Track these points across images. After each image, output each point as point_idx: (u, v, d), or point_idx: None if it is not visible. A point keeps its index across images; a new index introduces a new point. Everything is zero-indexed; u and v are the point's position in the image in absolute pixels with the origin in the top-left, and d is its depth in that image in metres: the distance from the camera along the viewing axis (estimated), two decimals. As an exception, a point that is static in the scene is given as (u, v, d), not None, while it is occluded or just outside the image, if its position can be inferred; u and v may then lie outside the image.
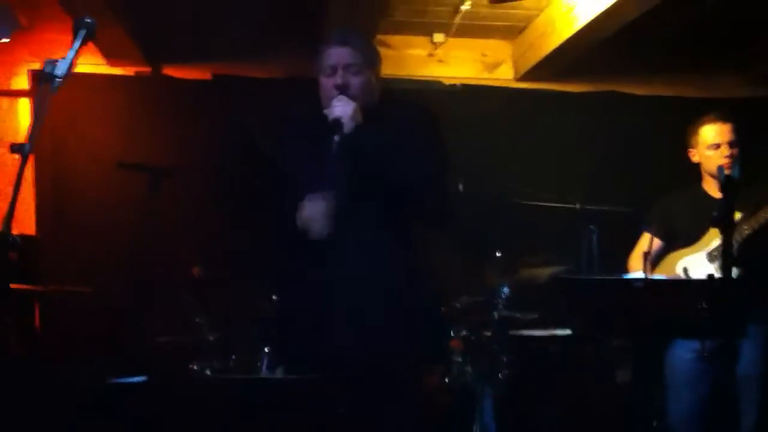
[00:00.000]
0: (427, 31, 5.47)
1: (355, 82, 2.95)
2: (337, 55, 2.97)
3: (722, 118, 4.05)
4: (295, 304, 2.99)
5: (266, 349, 3.75)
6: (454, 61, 5.69)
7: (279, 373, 3.10)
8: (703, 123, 4.07)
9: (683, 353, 3.90)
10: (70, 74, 2.43)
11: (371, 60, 3.04)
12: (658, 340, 3.88)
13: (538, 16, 5.24)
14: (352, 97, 2.91)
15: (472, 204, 4.38)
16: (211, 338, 4.12)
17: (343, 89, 2.92)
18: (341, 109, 2.87)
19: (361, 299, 2.83)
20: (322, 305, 2.87)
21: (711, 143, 4.02)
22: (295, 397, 2.78)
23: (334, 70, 2.96)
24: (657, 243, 4.09)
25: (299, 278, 2.95)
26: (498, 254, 4.25)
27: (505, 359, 4.20)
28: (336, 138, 2.81)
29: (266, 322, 3.67)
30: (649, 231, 4.11)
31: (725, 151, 3.98)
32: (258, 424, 2.68)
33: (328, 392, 2.79)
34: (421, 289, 2.97)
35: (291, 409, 2.76)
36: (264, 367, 3.69)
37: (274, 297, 3.82)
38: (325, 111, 2.92)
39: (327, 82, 2.98)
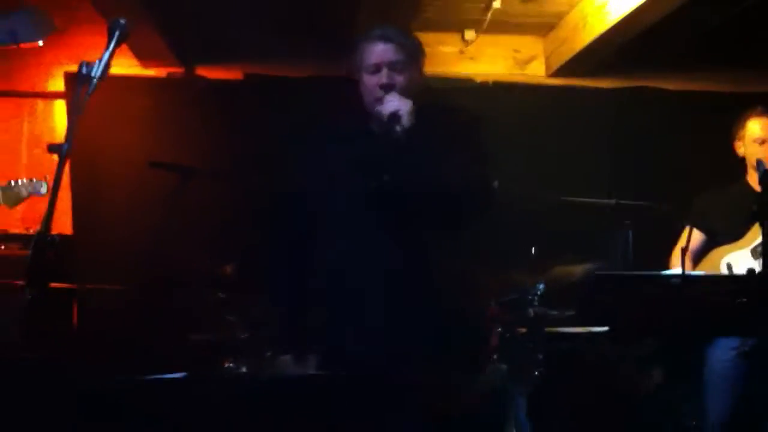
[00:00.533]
0: (459, 28, 5.46)
1: (400, 79, 2.85)
2: (380, 52, 2.87)
3: None
4: (330, 305, 2.95)
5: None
6: (486, 58, 5.67)
7: (289, 361, 3.05)
8: (749, 116, 4.01)
9: (723, 353, 3.84)
10: (106, 76, 2.44)
11: (415, 55, 2.94)
12: (696, 338, 3.83)
13: (570, 11, 5.21)
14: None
15: (507, 201, 4.36)
16: (243, 336, 4.12)
17: (388, 88, 2.84)
18: (396, 103, 2.78)
19: (400, 302, 2.80)
20: (358, 307, 2.84)
21: (757, 137, 3.96)
22: (327, 393, 2.78)
23: (377, 68, 2.86)
24: (699, 238, 4.05)
25: (337, 279, 2.91)
26: (533, 251, 4.22)
27: (540, 357, 4.17)
28: (397, 128, 2.73)
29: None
30: (690, 226, 4.07)
31: None
32: (292, 421, 2.68)
33: (359, 390, 2.78)
34: (460, 293, 2.94)
35: (323, 406, 2.76)
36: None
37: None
38: (377, 108, 2.82)
39: (370, 81, 2.88)
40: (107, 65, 2.44)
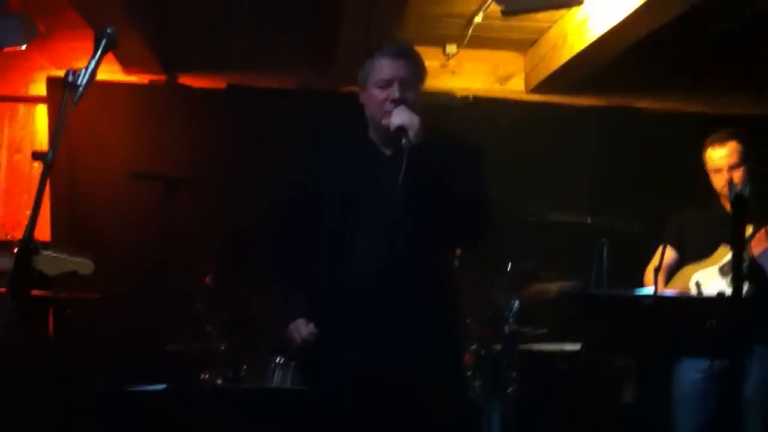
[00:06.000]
0: (440, 42, 5.48)
1: (410, 96, 2.91)
2: (394, 68, 2.93)
3: (726, 138, 4.02)
4: (328, 317, 2.95)
5: (278, 360, 3.76)
6: (467, 73, 5.71)
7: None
8: (708, 146, 4.08)
9: (691, 372, 3.89)
10: (91, 84, 2.45)
11: (422, 75, 3.02)
12: (666, 358, 3.88)
13: (550, 28, 5.26)
14: None
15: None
16: (222, 347, 4.13)
17: (399, 103, 2.88)
18: (405, 116, 2.82)
19: (398, 320, 2.84)
20: (357, 321, 2.87)
21: (714, 167, 4.04)
22: (305, 408, 2.79)
23: (389, 83, 2.91)
24: (672, 256, 4.12)
25: (336, 295, 2.94)
26: (509, 268, 4.26)
27: (513, 374, 4.20)
28: (404, 142, 2.76)
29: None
30: (664, 244, 4.14)
31: (726, 175, 3.96)
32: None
33: (339, 404, 2.80)
34: (453, 311, 3.01)
35: (300, 420, 2.78)
36: (276, 378, 3.71)
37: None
38: (384, 121, 2.88)
39: (380, 95, 2.92)
40: (93, 74, 2.45)
